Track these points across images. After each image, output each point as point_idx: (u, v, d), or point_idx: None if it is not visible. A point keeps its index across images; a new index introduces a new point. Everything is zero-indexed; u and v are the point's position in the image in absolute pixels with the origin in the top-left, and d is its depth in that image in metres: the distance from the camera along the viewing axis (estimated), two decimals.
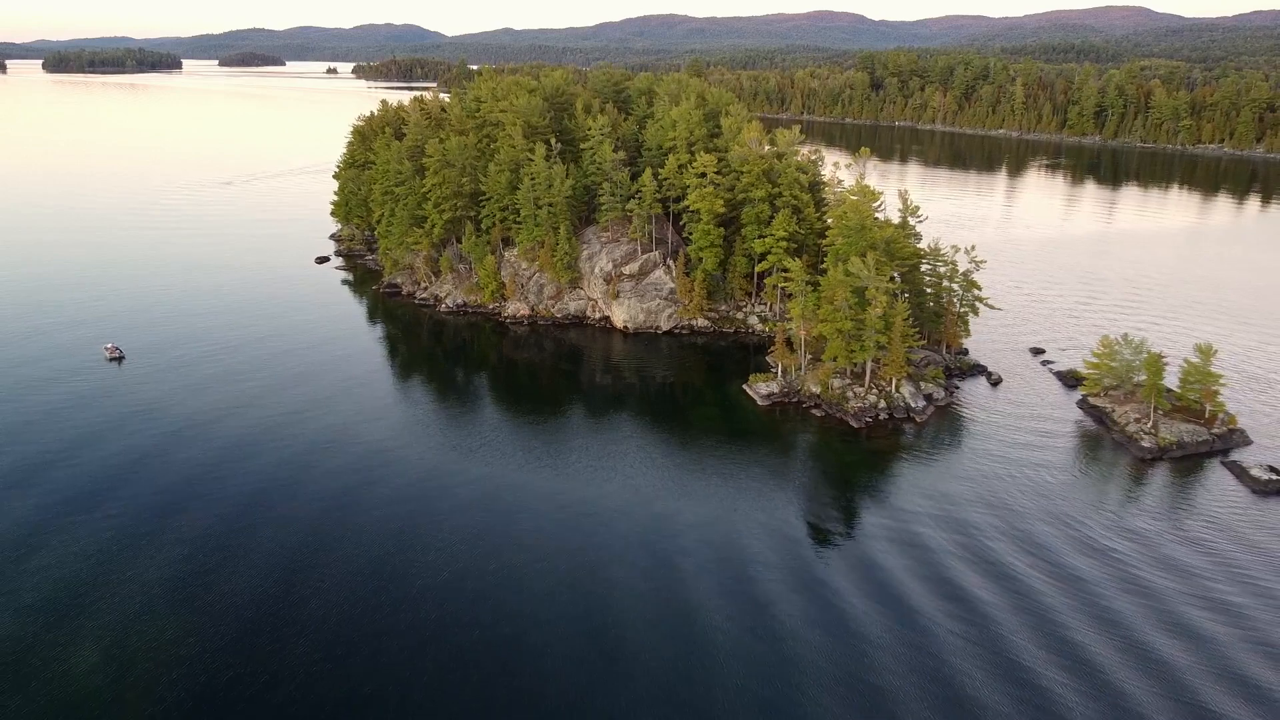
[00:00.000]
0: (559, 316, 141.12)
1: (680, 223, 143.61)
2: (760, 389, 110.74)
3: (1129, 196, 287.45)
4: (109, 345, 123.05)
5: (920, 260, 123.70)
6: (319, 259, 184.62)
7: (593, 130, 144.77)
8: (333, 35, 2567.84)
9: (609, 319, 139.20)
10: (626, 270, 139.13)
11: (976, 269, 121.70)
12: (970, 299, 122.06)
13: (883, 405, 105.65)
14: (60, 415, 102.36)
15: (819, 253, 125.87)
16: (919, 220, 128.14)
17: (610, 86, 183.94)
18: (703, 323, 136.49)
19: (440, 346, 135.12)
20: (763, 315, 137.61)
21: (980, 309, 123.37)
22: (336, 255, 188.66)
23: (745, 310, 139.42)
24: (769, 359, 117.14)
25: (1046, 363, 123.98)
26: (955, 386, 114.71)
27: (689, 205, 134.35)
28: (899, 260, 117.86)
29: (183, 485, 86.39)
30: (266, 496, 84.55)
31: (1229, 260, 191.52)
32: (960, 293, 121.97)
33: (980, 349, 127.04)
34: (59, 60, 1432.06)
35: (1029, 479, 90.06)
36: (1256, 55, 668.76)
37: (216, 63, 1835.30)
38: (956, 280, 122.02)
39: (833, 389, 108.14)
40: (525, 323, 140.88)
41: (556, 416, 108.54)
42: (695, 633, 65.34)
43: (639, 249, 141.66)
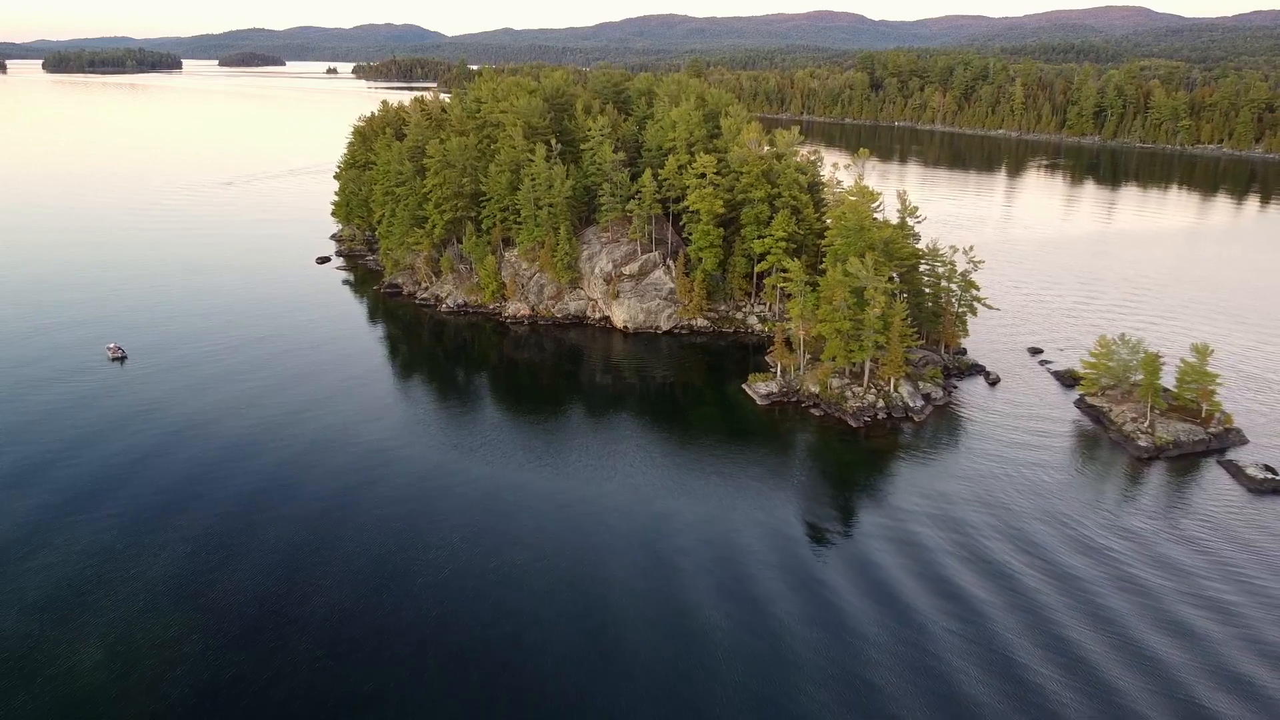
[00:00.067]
0: (559, 316, 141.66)
1: (680, 223, 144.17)
2: (759, 388, 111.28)
3: (1128, 197, 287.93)
4: (111, 345, 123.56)
5: (919, 260, 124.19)
6: (320, 259, 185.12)
7: (593, 131, 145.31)
8: (333, 35, 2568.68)
9: (609, 319, 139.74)
10: (626, 270, 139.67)
11: (975, 269, 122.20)
12: (968, 299, 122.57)
13: (881, 405, 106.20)
14: (63, 415, 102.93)
15: (818, 253, 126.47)
16: (917, 221, 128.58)
17: (610, 87, 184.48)
18: (702, 323, 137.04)
19: (441, 346, 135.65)
20: (762, 315, 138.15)
21: (978, 309, 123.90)
22: (337, 255, 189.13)
23: (745, 310, 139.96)
24: (768, 359, 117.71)
25: (1044, 362, 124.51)
26: (953, 386, 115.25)
27: (689, 206, 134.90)
28: (897, 260, 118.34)
29: (185, 484, 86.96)
30: (268, 495, 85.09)
31: (1228, 260, 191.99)
32: (958, 293, 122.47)
33: (979, 349, 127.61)
34: (59, 60, 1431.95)
35: (1026, 478, 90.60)
36: (1256, 55, 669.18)
37: (216, 63, 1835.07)
38: (955, 280, 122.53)
39: (831, 389, 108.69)
40: (525, 323, 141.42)
41: (557, 416, 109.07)
42: (694, 631, 65.85)
43: (639, 249, 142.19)
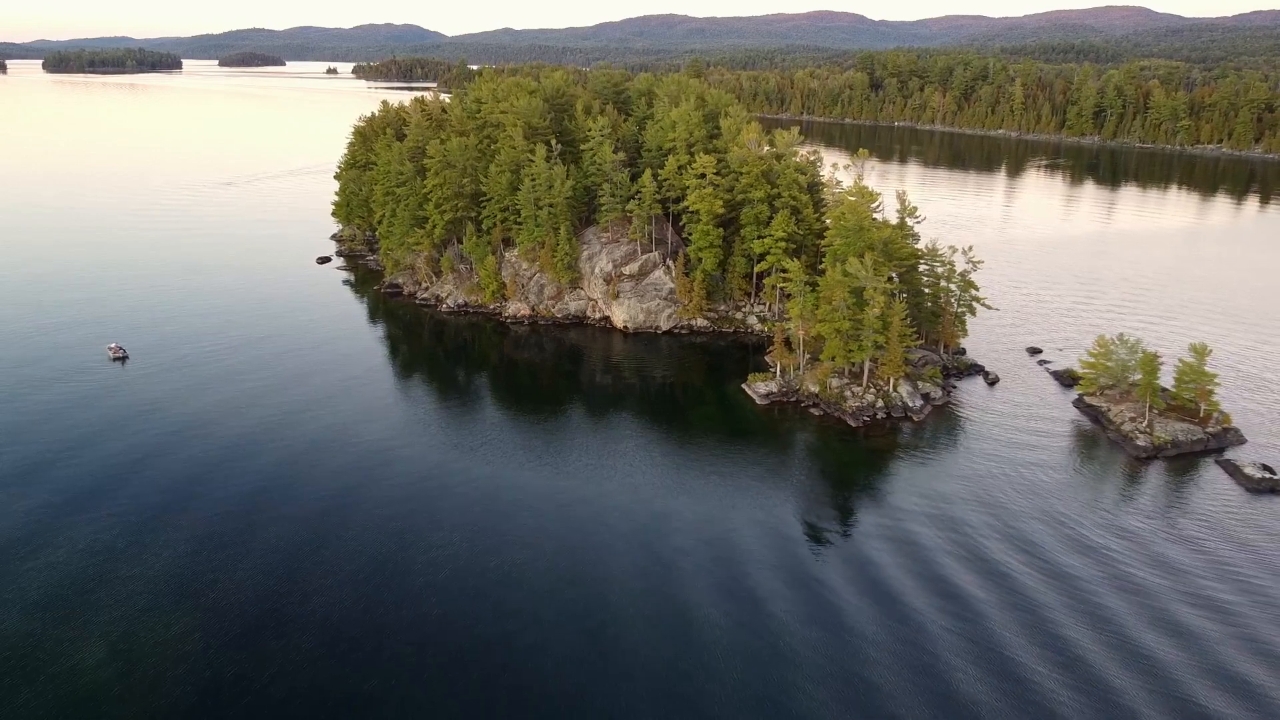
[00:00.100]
0: (559, 316, 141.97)
1: (680, 223, 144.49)
2: (759, 388, 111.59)
3: (1127, 197, 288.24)
4: (112, 345, 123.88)
5: (918, 261, 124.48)
6: (320, 259, 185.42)
7: (593, 131, 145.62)
8: (333, 35, 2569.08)
9: (609, 319, 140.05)
10: (626, 270, 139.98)
11: (974, 269, 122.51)
12: (967, 299, 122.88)
13: (880, 404, 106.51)
14: (65, 414, 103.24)
15: (817, 253, 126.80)
16: (917, 221, 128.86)
17: (610, 87, 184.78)
18: (702, 323, 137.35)
19: (441, 346, 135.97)
20: (761, 315, 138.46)
21: (978, 309, 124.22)
22: (338, 255, 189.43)
23: (744, 310, 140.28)
24: (768, 359, 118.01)
25: (1043, 362, 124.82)
26: (952, 386, 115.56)
27: (688, 206, 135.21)
28: (897, 261, 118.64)
29: (186, 483, 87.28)
30: (269, 495, 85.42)
31: (1227, 260, 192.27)
32: (957, 293, 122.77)
33: (978, 349, 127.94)
34: (59, 60, 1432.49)
35: (1024, 478, 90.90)
36: (1256, 55, 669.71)
37: (216, 63, 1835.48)
38: (954, 280, 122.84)
39: (831, 388, 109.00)
40: (526, 323, 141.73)
41: (557, 416, 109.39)
42: (694, 630, 66.16)
43: (639, 249, 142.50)
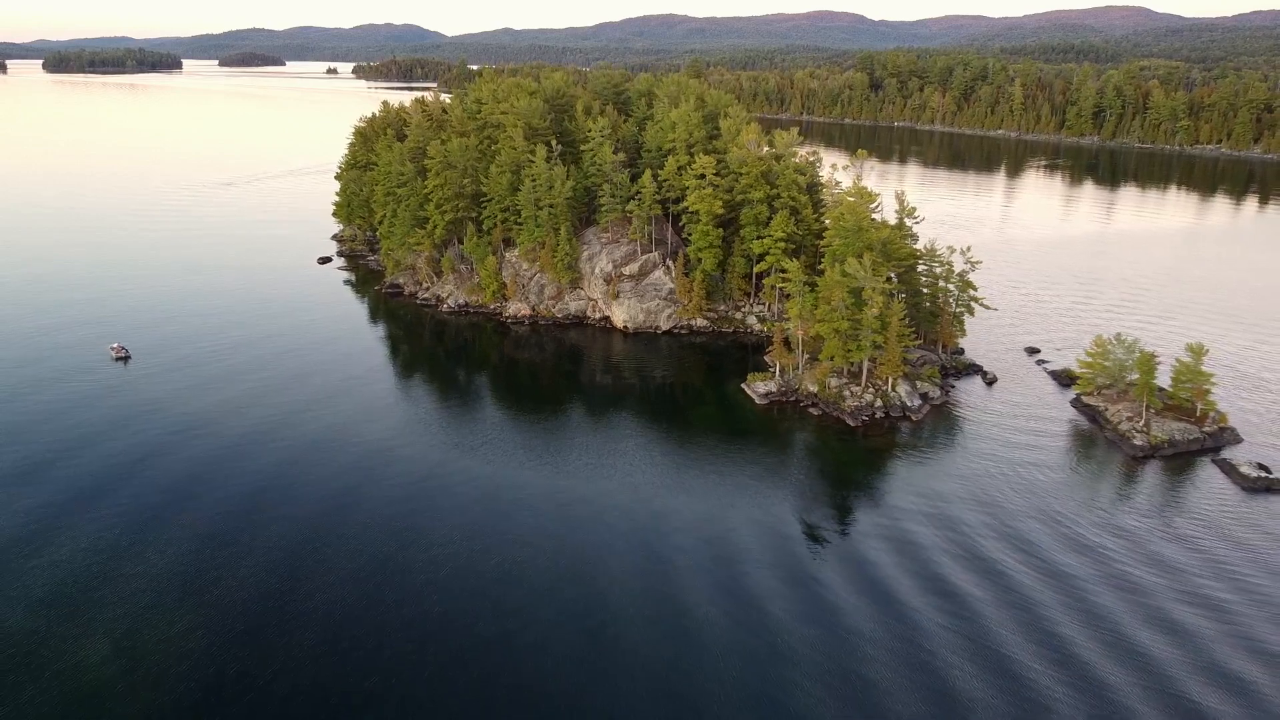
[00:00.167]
0: (559, 316, 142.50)
1: (679, 224, 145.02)
2: (758, 388, 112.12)
3: (1127, 197, 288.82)
4: (115, 345, 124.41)
5: (916, 261, 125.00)
6: (321, 259, 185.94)
7: (593, 132, 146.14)
8: (333, 35, 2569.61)
9: (609, 319, 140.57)
10: (626, 271, 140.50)
11: (972, 269, 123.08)
12: (966, 299, 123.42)
13: (879, 404, 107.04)
14: (69, 414, 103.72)
15: (816, 253, 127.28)
16: (915, 221, 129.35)
17: (610, 88, 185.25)
18: (702, 323, 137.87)
19: (442, 346, 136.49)
20: (761, 315, 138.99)
21: (976, 309, 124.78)
22: (338, 256, 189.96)
23: (744, 310, 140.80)
24: (767, 358, 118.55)
25: (1042, 362, 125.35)
26: (951, 386, 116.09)
27: (688, 206, 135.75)
28: (895, 261, 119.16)
29: (189, 482, 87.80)
30: (271, 493, 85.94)
31: (1226, 260, 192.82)
32: (956, 293, 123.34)
33: (976, 349, 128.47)
34: (59, 60, 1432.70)
35: (1022, 477, 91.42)
36: (1256, 55, 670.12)
37: (216, 63, 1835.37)
38: (952, 281, 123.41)
39: (830, 388, 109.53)
40: (526, 323, 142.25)
41: (557, 415, 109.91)
42: (693, 629, 66.63)
43: (639, 250, 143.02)
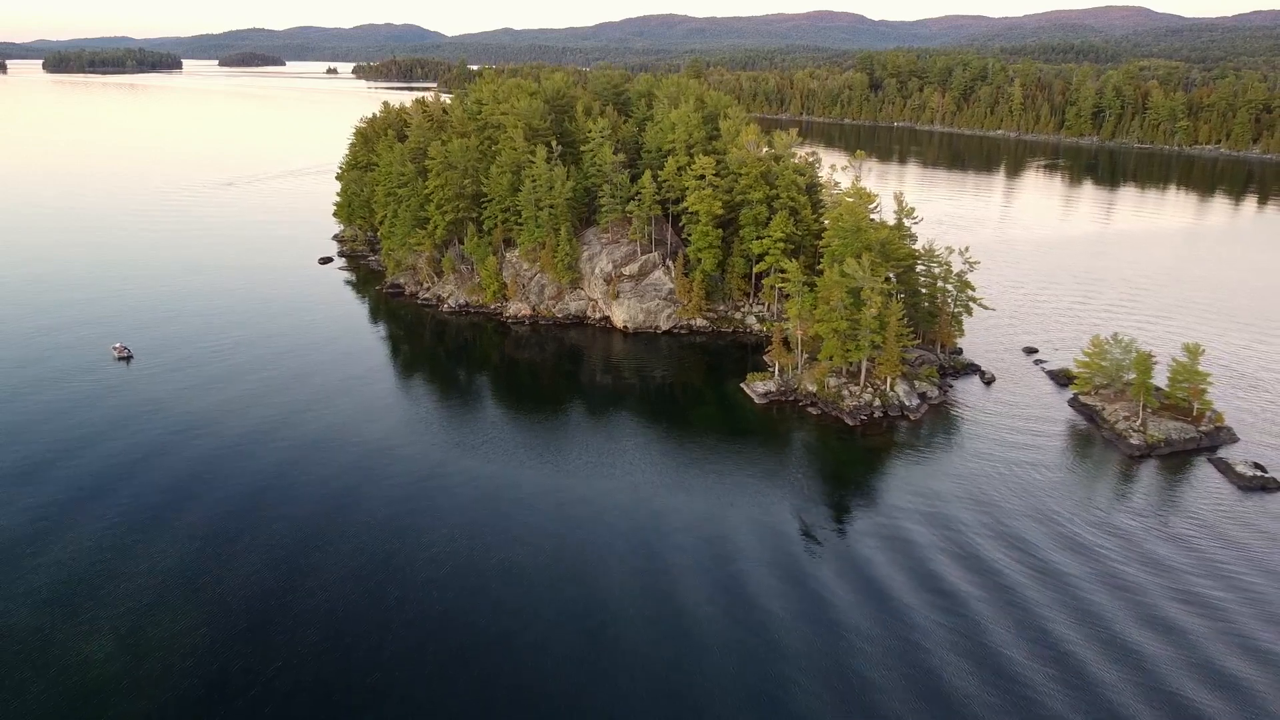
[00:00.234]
0: (560, 316, 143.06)
1: (679, 224, 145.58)
2: (758, 388, 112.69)
3: (1126, 197, 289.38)
4: (117, 345, 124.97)
5: (915, 261, 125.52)
6: (322, 260, 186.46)
7: (593, 133, 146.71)
8: (333, 35, 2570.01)
9: (609, 319, 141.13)
10: (626, 271, 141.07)
11: (970, 269, 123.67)
12: (964, 299, 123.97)
13: (877, 404, 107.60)
14: (72, 413, 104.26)
15: (815, 254, 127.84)
16: (914, 222, 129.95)
17: (610, 89, 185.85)
18: (701, 323, 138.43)
19: (442, 346, 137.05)
20: (760, 315, 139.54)
21: (974, 309, 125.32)
22: (339, 256, 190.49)
23: (743, 310, 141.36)
24: (766, 358, 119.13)
25: (1039, 362, 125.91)
26: (949, 385, 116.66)
27: (688, 207, 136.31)
28: (894, 261, 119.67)
29: (191, 481, 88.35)
30: (273, 492, 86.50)
31: (1225, 260, 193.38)
32: (954, 293, 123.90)
33: (974, 348, 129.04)
34: (59, 60, 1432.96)
35: (1019, 476, 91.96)
36: (1255, 55, 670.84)
37: (216, 63, 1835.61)
38: (950, 281, 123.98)
39: (829, 388, 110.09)
40: (526, 323, 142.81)
41: (557, 415, 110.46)
42: (693, 628, 67.10)
43: (639, 250, 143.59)
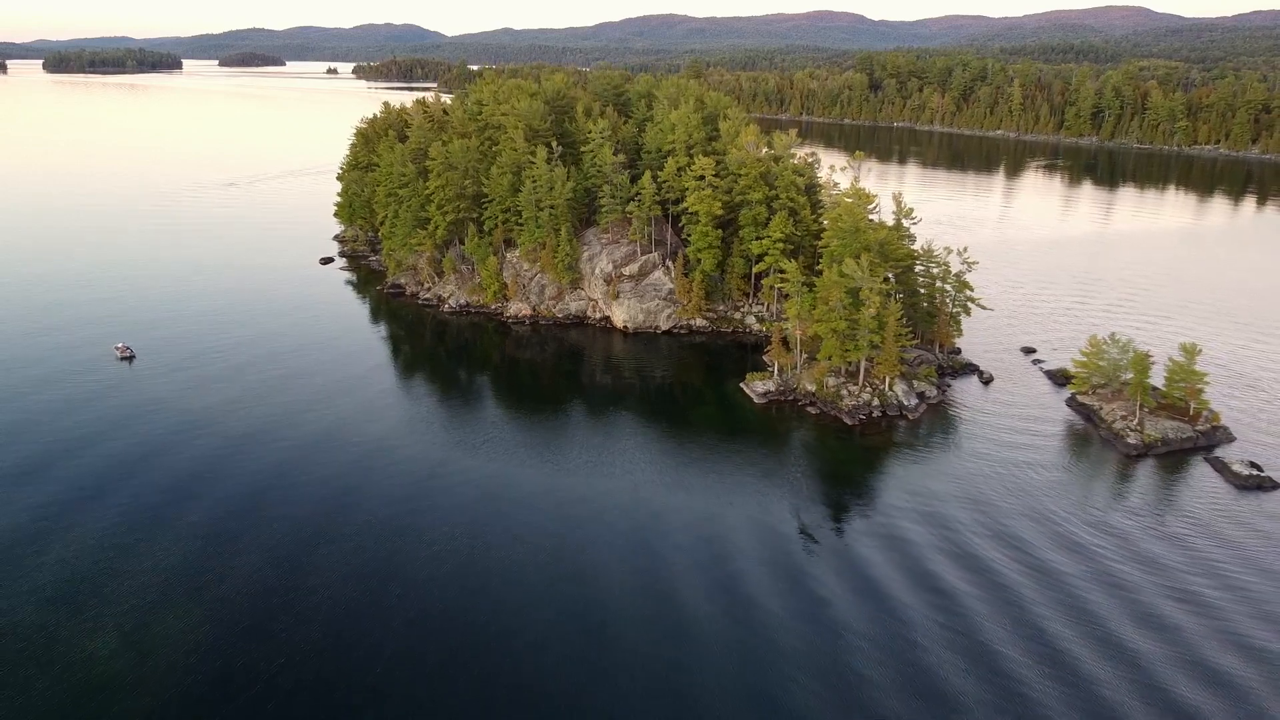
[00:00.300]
0: (560, 316, 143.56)
1: (679, 224, 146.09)
2: (757, 387, 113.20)
3: (1125, 197, 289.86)
4: (119, 345, 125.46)
5: (914, 261, 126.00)
6: (323, 260, 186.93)
7: (593, 133, 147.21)
8: (333, 35, 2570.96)
9: (609, 319, 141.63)
10: (626, 271, 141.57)
11: (969, 270, 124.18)
12: (963, 299, 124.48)
13: (876, 403, 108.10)
14: (75, 413, 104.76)
15: (815, 254, 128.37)
16: (913, 222, 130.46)
17: (610, 89, 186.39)
18: (701, 323, 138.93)
19: (443, 346, 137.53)
20: (760, 315, 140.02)
21: (973, 309, 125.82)
22: (340, 256, 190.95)
23: (743, 310, 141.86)
24: (766, 358, 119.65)
25: (1037, 362, 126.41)
26: (947, 385, 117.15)
27: (687, 207, 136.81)
28: (893, 261, 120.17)
29: (193, 480, 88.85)
30: (275, 491, 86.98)
31: (1224, 261, 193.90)
32: (953, 293, 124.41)
33: (973, 348, 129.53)
34: (59, 60, 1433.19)
35: (1017, 476, 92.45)
36: (1255, 56, 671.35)
37: (216, 63, 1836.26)
38: (949, 281, 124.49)
39: (828, 387, 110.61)
40: (527, 323, 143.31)
41: (557, 414, 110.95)
42: (693, 627, 67.54)
43: (638, 250, 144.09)
